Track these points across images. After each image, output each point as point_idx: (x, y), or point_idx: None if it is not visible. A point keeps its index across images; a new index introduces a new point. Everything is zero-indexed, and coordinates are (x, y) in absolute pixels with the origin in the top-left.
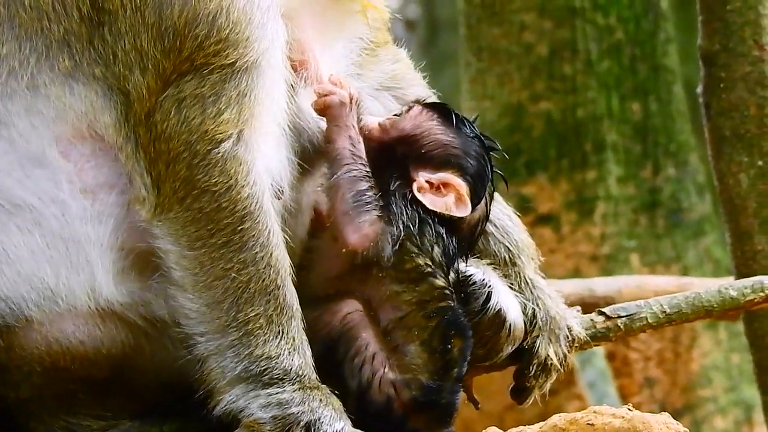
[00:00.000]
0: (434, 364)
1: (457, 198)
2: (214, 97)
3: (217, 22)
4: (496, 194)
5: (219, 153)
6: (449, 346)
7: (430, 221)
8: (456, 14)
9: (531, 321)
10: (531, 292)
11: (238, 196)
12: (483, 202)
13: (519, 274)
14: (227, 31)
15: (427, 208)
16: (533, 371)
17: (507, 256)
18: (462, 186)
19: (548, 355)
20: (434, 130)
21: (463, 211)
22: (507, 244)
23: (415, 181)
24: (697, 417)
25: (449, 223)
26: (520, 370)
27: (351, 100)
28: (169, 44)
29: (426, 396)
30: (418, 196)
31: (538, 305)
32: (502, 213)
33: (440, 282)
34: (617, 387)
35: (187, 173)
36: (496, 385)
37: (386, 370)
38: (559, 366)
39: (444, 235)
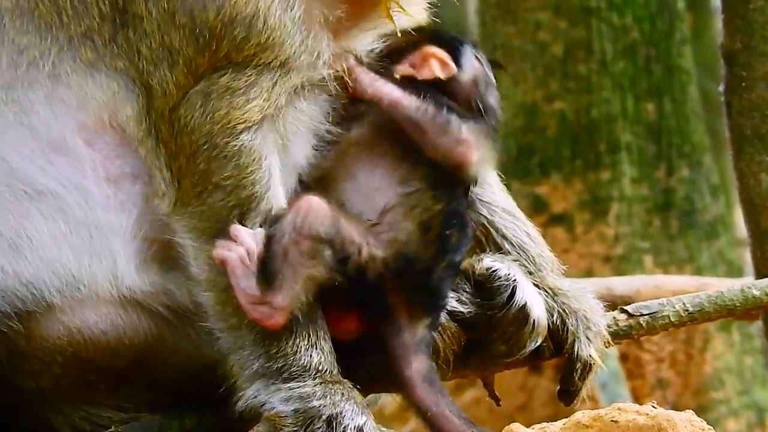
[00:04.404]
0: (427, 243)
1: (439, 62)
2: (246, 88)
3: (256, 26)
4: (517, 212)
5: (236, 146)
6: (447, 233)
7: (429, 94)
8: (461, 16)
9: (561, 329)
10: (554, 300)
11: (247, 193)
12: (473, 64)
13: (539, 286)
14: (266, 36)
15: (422, 87)
16: (578, 374)
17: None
18: (439, 51)
19: (590, 355)
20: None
21: (449, 70)
22: (523, 261)
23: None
24: (709, 419)
25: (444, 88)
26: (565, 376)
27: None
28: (203, 43)
29: (407, 267)
30: (408, 73)
31: (564, 311)
32: (519, 230)
33: None
34: (630, 388)
35: (206, 167)
36: (506, 384)
37: (368, 243)
38: (600, 363)
39: (442, 101)
